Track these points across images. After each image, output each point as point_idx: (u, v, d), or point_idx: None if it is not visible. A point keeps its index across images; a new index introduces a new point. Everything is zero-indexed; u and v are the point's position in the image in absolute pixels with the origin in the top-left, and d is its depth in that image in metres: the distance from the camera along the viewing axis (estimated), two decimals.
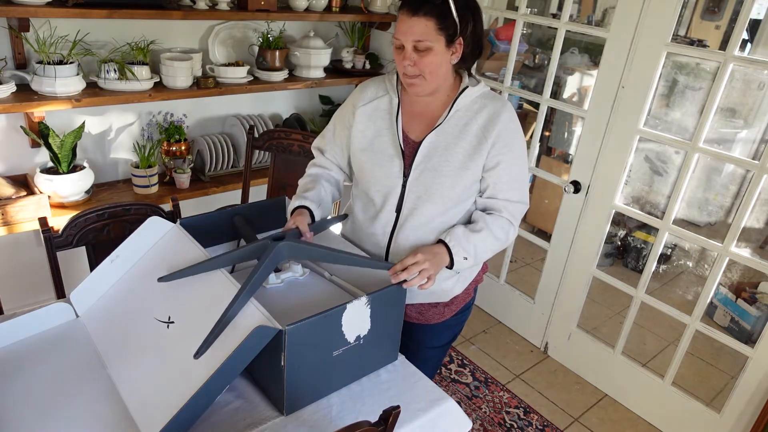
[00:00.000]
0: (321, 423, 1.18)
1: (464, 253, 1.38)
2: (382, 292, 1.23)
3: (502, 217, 1.44)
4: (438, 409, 1.27)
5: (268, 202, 1.65)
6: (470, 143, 1.39)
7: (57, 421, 1.11)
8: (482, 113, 1.40)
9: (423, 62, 1.32)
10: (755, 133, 3.76)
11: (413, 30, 1.29)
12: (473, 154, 1.39)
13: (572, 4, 2.37)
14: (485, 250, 1.42)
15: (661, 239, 2.31)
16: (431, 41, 1.30)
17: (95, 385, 1.20)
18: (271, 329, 1.07)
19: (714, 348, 2.96)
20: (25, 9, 1.93)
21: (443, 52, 1.33)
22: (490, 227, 1.42)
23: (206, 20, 2.57)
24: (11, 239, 2.33)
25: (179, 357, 1.14)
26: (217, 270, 1.27)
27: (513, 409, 2.46)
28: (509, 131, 1.40)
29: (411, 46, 1.31)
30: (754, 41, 3.69)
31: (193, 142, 2.66)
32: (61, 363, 1.25)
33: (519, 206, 1.46)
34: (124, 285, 1.36)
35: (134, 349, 1.23)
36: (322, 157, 1.63)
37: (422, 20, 1.28)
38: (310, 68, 2.78)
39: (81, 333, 1.32)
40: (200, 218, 1.51)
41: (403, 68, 1.34)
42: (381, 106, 1.48)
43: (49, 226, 1.63)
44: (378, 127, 1.47)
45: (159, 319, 1.23)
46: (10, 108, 2.02)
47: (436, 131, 1.40)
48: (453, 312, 1.59)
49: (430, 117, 1.44)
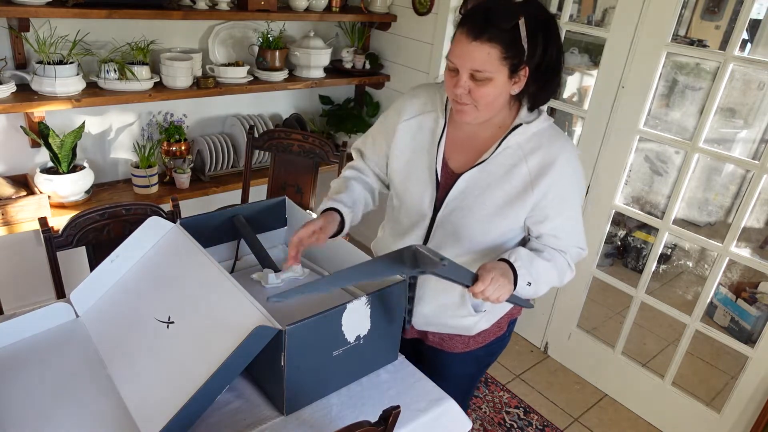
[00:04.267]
0: (321, 423, 1.18)
1: (529, 278, 1.20)
2: (382, 292, 1.23)
3: (564, 257, 1.29)
4: (438, 409, 1.27)
5: (268, 202, 1.65)
6: (514, 188, 1.22)
7: (57, 421, 1.11)
8: (535, 156, 1.21)
9: (479, 92, 1.14)
10: (755, 133, 3.76)
11: (473, 57, 1.11)
12: (514, 202, 1.22)
13: (572, 4, 2.37)
14: (545, 282, 1.25)
15: (661, 239, 2.31)
16: (492, 72, 1.12)
17: (95, 384, 1.20)
18: (271, 329, 1.07)
19: (714, 348, 2.96)
20: (25, 9, 1.93)
21: (504, 83, 1.15)
22: (555, 260, 1.27)
23: (206, 20, 2.57)
24: (11, 239, 2.33)
25: (179, 357, 1.14)
26: (216, 270, 1.27)
27: (513, 409, 2.46)
28: (564, 183, 1.22)
29: (467, 74, 1.13)
30: (754, 41, 3.69)
31: (193, 142, 2.66)
32: (60, 363, 1.25)
33: (578, 252, 1.33)
34: (124, 285, 1.36)
35: (134, 349, 1.23)
36: (361, 161, 1.49)
37: (485, 47, 1.10)
38: (310, 68, 2.78)
39: (81, 333, 1.32)
40: (200, 218, 1.51)
41: (454, 94, 1.18)
42: (426, 124, 1.32)
43: (49, 226, 1.63)
44: (418, 145, 1.32)
45: (159, 319, 1.23)
46: (10, 108, 2.02)
47: (479, 167, 1.24)
48: (480, 344, 1.44)
49: (476, 148, 1.27)
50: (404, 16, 2.93)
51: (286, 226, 1.69)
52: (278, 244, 1.69)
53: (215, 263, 1.29)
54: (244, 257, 1.61)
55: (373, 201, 1.47)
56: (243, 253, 1.61)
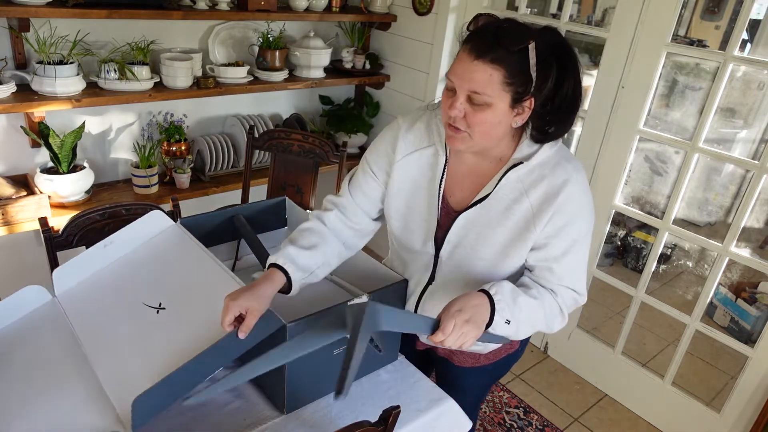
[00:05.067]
0: (321, 422, 1.18)
1: (509, 315, 1.07)
2: (383, 291, 1.23)
3: (555, 299, 1.17)
4: (438, 409, 1.27)
5: (268, 202, 1.65)
6: (517, 225, 1.13)
7: (35, 404, 1.10)
8: (537, 189, 1.11)
9: (475, 118, 1.05)
10: (755, 133, 3.76)
11: (473, 77, 1.01)
12: (517, 240, 1.14)
13: (572, 4, 2.37)
14: (529, 322, 1.12)
15: (661, 239, 2.31)
16: (491, 96, 1.02)
17: (70, 363, 1.18)
18: (276, 319, 1.07)
19: (714, 348, 2.96)
20: (25, 9, 1.93)
21: (504, 113, 1.04)
22: (543, 299, 1.14)
23: (206, 20, 2.57)
24: (11, 239, 2.33)
25: (168, 338, 1.14)
26: (216, 265, 1.27)
27: (513, 409, 2.46)
28: (566, 216, 1.11)
29: (465, 96, 1.04)
30: (754, 41, 3.69)
31: (193, 142, 2.66)
32: (35, 344, 1.23)
33: (573, 297, 1.20)
34: (112, 270, 1.35)
35: (114, 331, 1.21)
36: (334, 218, 1.27)
37: (487, 68, 1.00)
38: (310, 68, 2.78)
39: (57, 313, 1.31)
40: (200, 218, 1.51)
41: (449, 116, 1.07)
42: (424, 160, 1.20)
43: (50, 226, 1.63)
44: (417, 183, 1.22)
45: (148, 304, 1.22)
46: (11, 108, 2.02)
47: (480, 205, 1.15)
48: (491, 360, 1.38)
49: (476, 183, 1.18)
50: (404, 16, 2.93)
51: (286, 226, 1.70)
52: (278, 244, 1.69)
53: (215, 259, 1.29)
54: (243, 257, 1.61)
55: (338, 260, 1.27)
56: (243, 253, 1.61)
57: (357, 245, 1.32)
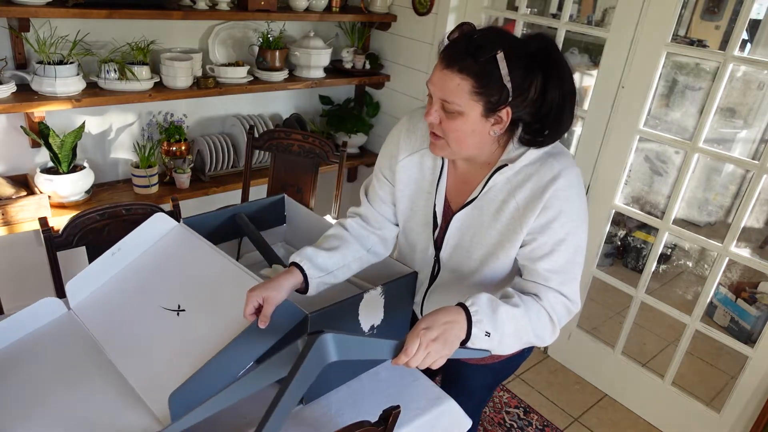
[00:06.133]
0: (321, 422, 1.18)
1: (489, 327, 1.02)
2: (394, 283, 1.25)
3: (542, 305, 1.11)
4: (438, 408, 1.27)
5: (267, 200, 1.66)
6: (505, 226, 1.14)
7: (61, 407, 1.10)
8: (524, 189, 1.11)
9: (448, 125, 1.07)
10: (755, 133, 3.76)
11: (443, 86, 1.03)
12: (505, 242, 1.14)
13: (572, 4, 2.37)
14: (513, 333, 1.06)
15: (660, 239, 2.31)
16: (461, 106, 1.03)
17: (97, 370, 1.19)
18: (299, 310, 1.08)
19: (714, 348, 2.96)
20: (25, 9, 1.94)
21: (477, 122, 1.05)
22: (528, 307, 1.09)
23: (206, 20, 2.57)
24: (11, 239, 2.33)
25: (193, 338, 1.14)
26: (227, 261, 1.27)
27: (513, 409, 2.46)
28: (554, 209, 1.09)
29: (439, 104, 1.06)
30: (754, 41, 3.69)
31: (193, 142, 2.66)
32: (57, 355, 1.24)
33: (563, 303, 1.13)
34: (124, 277, 1.36)
35: (137, 336, 1.22)
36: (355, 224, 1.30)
37: (455, 78, 1.01)
38: (310, 68, 2.78)
39: (75, 324, 1.31)
40: (202, 217, 1.51)
41: (428, 122, 1.11)
42: (426, 161, 1.23)
43: (50, 226, 1.63)
44: (419, 184, 1.24)
45: (167, 307, 1.23)
46: (11, 108, 2.02)
47: (471, 206, 1.17)
48: (496, 359, 1.36)
49: (469, 186, 1.20)
50: (404, 16, 2.93)
51: (285, 223, 1.70)
52: (278, 242, 1.70)
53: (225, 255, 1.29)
54: (245, 255, 1.62)
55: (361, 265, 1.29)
56: (244, 251, 1.62)
57: (381, 253, 1.34)
